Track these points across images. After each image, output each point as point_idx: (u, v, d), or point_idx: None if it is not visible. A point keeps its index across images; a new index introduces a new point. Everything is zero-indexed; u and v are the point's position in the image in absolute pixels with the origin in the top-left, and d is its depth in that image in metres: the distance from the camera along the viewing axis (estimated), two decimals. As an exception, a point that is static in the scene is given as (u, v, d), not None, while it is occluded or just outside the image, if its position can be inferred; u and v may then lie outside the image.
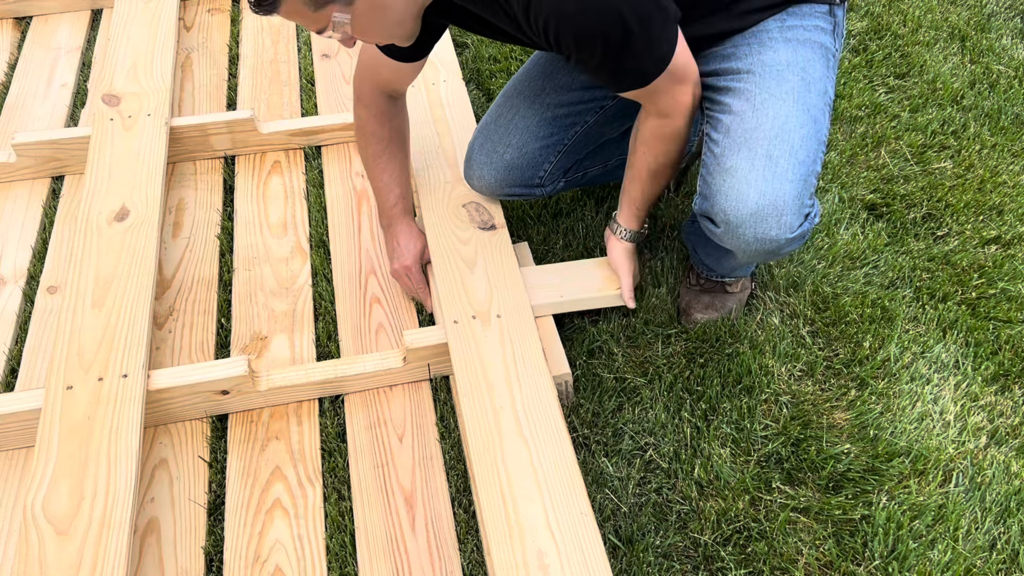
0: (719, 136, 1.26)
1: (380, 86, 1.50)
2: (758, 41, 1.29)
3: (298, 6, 1.08)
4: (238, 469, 1.36)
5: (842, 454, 1.38)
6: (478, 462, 1.24)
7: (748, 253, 1.31)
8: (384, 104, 1.52)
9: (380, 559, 1.25)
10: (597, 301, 1.54)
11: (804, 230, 1.26)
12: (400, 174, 1.59)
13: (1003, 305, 1.62)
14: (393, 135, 1.56)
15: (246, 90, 2.12)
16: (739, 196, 1.23)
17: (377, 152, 1.56)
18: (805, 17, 1.30)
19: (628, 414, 1.45)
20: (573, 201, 1.82)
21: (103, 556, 1.14)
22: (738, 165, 1.23)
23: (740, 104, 1.25)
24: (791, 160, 1.22)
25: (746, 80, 1.27)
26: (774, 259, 1.36)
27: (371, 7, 1.12)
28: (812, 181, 1.26)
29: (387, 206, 1.60)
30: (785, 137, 1.22)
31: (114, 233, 1.58)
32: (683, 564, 1.27)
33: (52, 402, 1.30)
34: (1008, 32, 2.32)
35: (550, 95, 1.51)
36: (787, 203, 1.22)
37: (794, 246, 1.29)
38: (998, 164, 1.92)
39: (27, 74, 2.16)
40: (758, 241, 1.25)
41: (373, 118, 1.53)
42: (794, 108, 1.24)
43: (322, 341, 1.56)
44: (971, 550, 1.27)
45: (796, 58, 1.27)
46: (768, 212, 1.22)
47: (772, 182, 1.21)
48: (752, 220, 1.23)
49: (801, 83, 1.26)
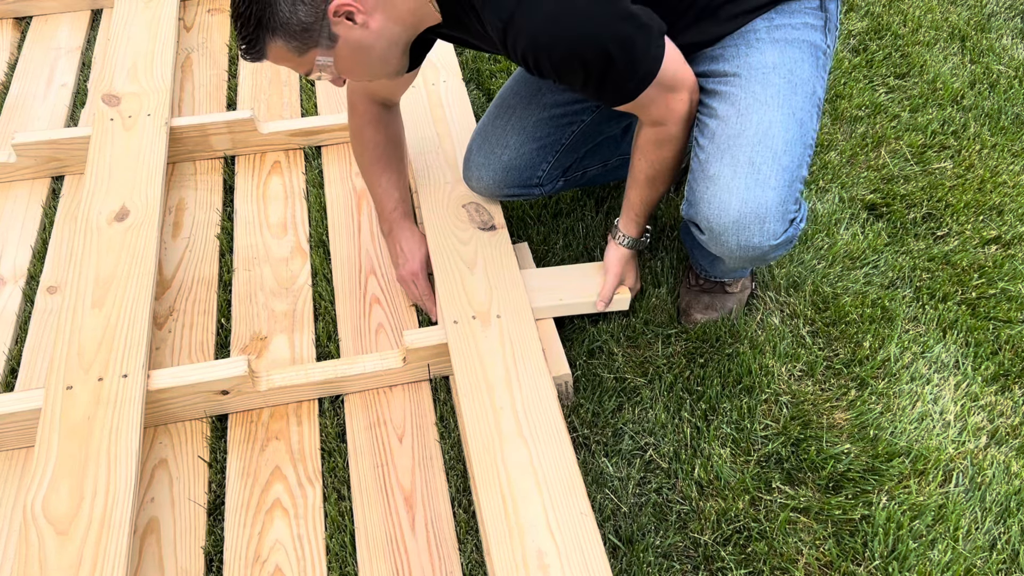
0: (705, 141, 1.26)
1: (373, 96, 1.52)
2: (745, 42, 1.28)
3: (284, 52, 1.12)
4: (238, 469, 1.36)
5: (842, 454, 1.38)
6: (478, 462, 1.24)
7: (734, 259, 1.31)
8: (378, 112, 1.54)
9: (380, 559, 1.25)
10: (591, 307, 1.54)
11: (789, 235, 1.26)
12: (398, 179, 1.60)
13: (1003, 305, 1.62)
14: (388, 141, 1.57)
15: (246, 90, 2.12)
16: (721, 204, 1.23)
17: (373, 159, 1.57)
18: (794, 15, 1.28)
19: (628, 414, 1.45)
20: (573, 201, 1.82)
21: (103, 556, 1.13)
22: (721, 172, 1.23)
23: (725, 108, 1.25)
24: (774, 166, 1.22)
25: (732, 83, 1.26)
26: (763, 264, 1.36)
27: (353, 49, 1.14)
28: (797, 186, 1.25)
29: (387, 211, 1.60)
30: (768, 143, 1.22)
31: (114, 233, 1.58)
32: (683, 564, 1.27)
33: (52, 402, 1.30)
34: (1008, 32, 2.32)
35: (546, 95, 1.52)
36: (769, 210, 1.22)
37: (780, 251, 1.29)
38: (998, 164, 1.91)
39: (27, 74, 2.15)
40: (741, 248, 1.26)
41: (368, 126, 1.54)
42: (778, 113, 1.23)
43: (322, 341, 1.56)
44: (971, 550, 1.27)
45: (783, 59, 1.26)
46: (750, 220, 1.22)
47: (754, 190, 1.21)
48: (735, 228, 1.23)
49: (787, 85, 1.25)
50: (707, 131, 1.26)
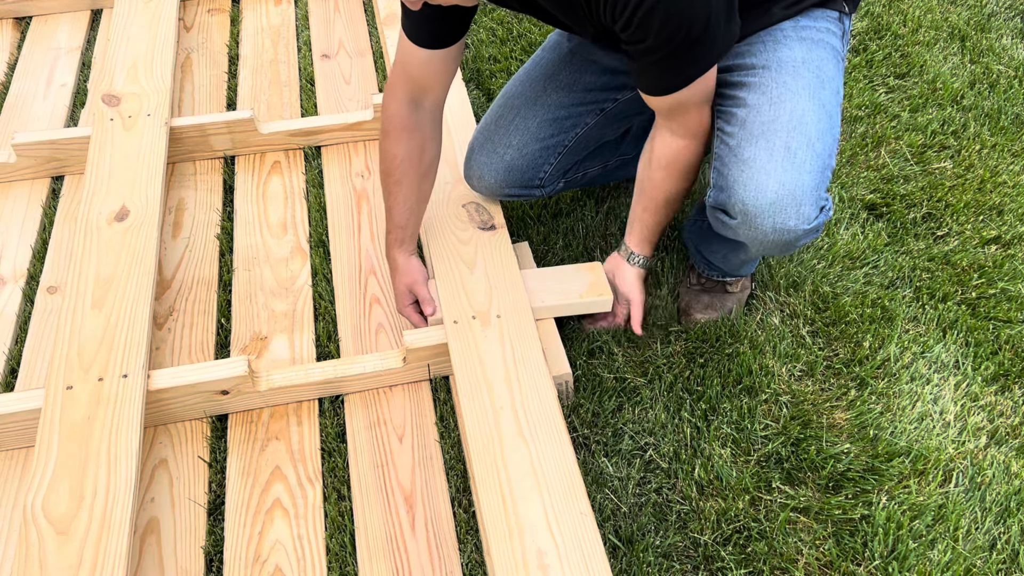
0: (734, 128, 1.26)
1: (410, 86, 1.38)
2: (772, 39, 1.30)
3: None
4: (238, 469, 1.36)
5: (842, 454, 1.38)
6: (478, 462, 1.24)
7: (764, 244, 1.30)
8: (406, 117, 1.40)
9: (380, 559, 1.25)
10: (578, 308, 1.51)
11: (819, 222, 1.27)
12: (403, 198, 1.45)
13: (1003, 305, 1.62)
14: (408, 155, 1.42)
15: (246, 90, 2.12)
16: (758, 186, 1.23)
17: (384, 171, 1.45)
18: (818, 19, 1.31)
19: (628, 414, 1.45)
20: (573, 201, 1.82)
21: (103, 556, 1.13)
22: (756, 156, 1.23)
23: (756, 98, 1.26)
24: (809, 152, 1.22)
25: (761, 75, 1.27)
26: (787, 252, 1.35)
27: None
28: (827, 175, 1.26)
29: (386, 232, 1.51)
30: (803, 129, 1.23)
31: (114, 233, 1.58)
32: (683, 564, 1.27)
33: (52, 402, 1.30)
34: (1008, 32, 2.32)
35: (551, 96, 1.51)
36: (806, 193, 1.22)
37: (808, 238, 1.29)
38: (998, 164, 1.92)
39: (27, 74, 2.16)
40: (776, 232, 1.25)
41: (390, 133, 1.41)
42: (810, 102, 1.24)
43: (322, 341, 1.56)
44: (971, 550, 1.27)
45: (811, 56, 1.28)
46: (787, 202, 1.22)
47: (791, 172, 1.21)
48: (771, 210, 1.23)
49: (816, 80, 1.26)
50: (735, 120, 1.27)
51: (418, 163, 1.43)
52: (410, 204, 1.46)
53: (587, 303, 1.51)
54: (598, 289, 1.52)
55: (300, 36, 2.31)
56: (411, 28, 1.32)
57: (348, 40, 2.29)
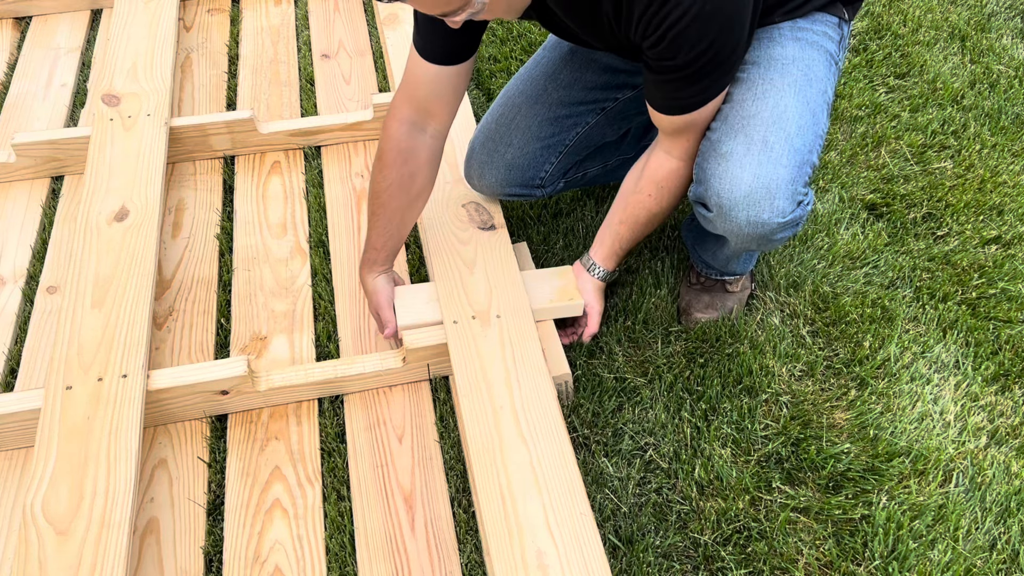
0: (716, 123, 1.27)
1: (415, 107, 1.37)
2: (768, 37, 1.30)
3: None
4: (237, 469, 1.36)
5: (842, 454, 1.38)
6: (478, 462, 1.24)
7: (741, 238, 1.30)
8: (404, 140, 1.38)
9: (380, 559, 1.25)
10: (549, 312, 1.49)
11: (796, 216, 1.26)
12: (384, 225, 1.43)
13: (1003, 305, 1.62)
14: (398, 182, 1.40)
15: (246, 90, 2.12)
16: (733, 179, 1.23)
17: (372, 193, 1.43)
18: (816, 23, 1.32)
19: (628, 414, 1.45)
20: (573, 201, 1.81)
21: (103, 556, 1.13)
22: (734, 150, 1.24)
23: (741, 93, 1.27)
24: (786, 146, 1.23)
25: (750, 71, 1.28)
26: (768, 248, 1.36)
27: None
28: (807, 170, 1.26)
29: (363, 251, 1.49)
30: (782, 124, 1.23)
31: (114, 233, 1.58)
32: (683, 564, 1.27)
33: (52, 402, 1.30)
34: (1008, 32, 2.31)
35: (552, 95, 1.51)
36: (780, 187, 1.22)
37: (787, 233, 1.29)
38: (998, 164, 1.91)
39: (27, 74, 2.16)
40: (750, 225, 1.26)
41: (386, 155, 1.39)
42: (794, 99, 1.25)
43: (322, 341, 1.56)
44: (971, 550, 1.27)
45: (802, 55, 1.28)
46: (761, 195, 1.22)
47: (766, 166, 1.22)
48: (745, 202, 1.23)
49: (803, 77, 1.27)
50: (719, 114, 1.28)
51: (407, 190, 1.41)
52: (390, 230, 1.44)
53: (557, 307, 1.48)
54: (568, 294, 1.49)
55: (300, 36, 2.31)
56: (422, 42, 1.31)
57: (348, 40, 2.29)
